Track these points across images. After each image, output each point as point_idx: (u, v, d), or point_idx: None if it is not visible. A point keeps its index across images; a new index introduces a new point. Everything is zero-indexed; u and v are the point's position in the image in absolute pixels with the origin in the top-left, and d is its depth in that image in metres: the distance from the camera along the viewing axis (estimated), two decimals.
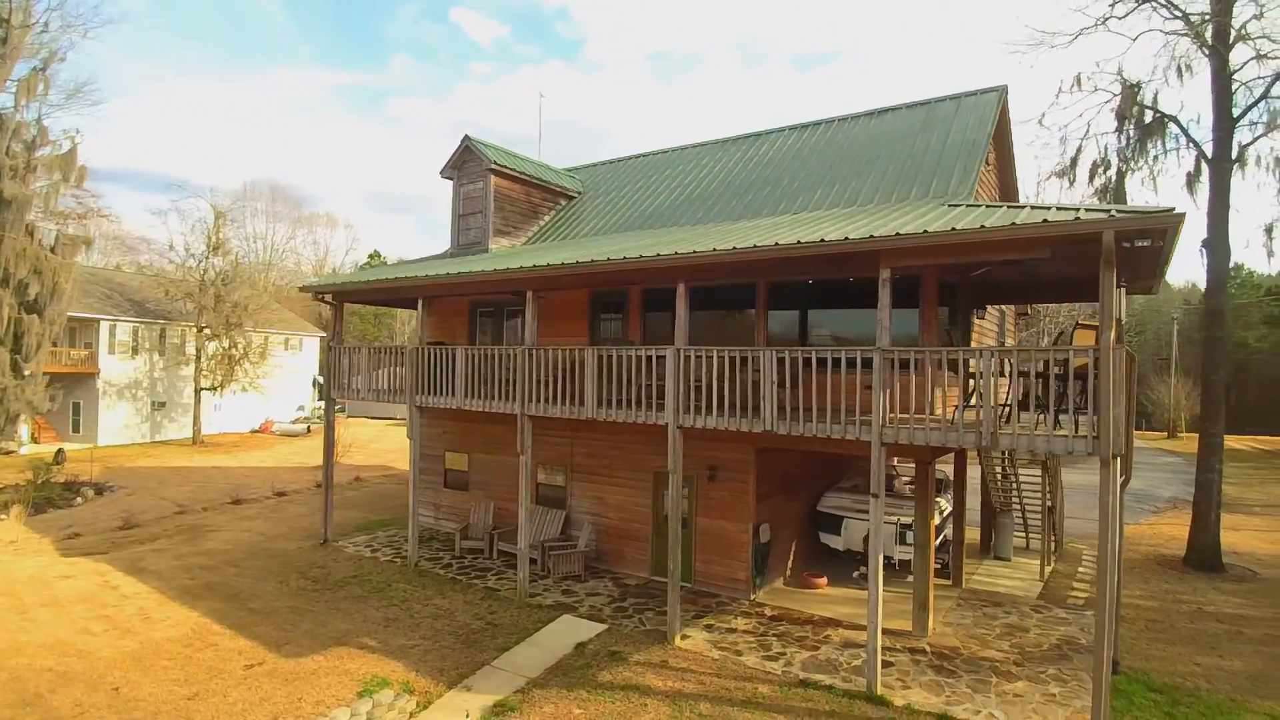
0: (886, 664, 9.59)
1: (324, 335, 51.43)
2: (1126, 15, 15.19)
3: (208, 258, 33.52)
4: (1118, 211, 7.47)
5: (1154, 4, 15.10)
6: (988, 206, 9.70)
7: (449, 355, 13.36)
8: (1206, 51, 14.59)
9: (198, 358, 33.29)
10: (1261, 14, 14.76)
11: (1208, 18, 14.40)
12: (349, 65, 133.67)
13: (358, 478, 25.16)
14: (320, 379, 48.08)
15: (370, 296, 17.43)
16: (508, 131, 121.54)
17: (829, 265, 9.81)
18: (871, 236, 8.47)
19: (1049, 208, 8.68)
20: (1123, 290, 10.60)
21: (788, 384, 9.50)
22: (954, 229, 8.06)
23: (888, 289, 8.78)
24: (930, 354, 8.60)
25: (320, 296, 15.84)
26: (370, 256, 78.51)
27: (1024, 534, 15.89)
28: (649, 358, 10.81)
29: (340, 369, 15.44)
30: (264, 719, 8.35)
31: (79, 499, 19.96)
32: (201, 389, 33.28)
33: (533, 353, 12.10)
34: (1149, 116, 15.36)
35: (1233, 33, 13.97)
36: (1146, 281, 11.09)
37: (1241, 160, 14.92)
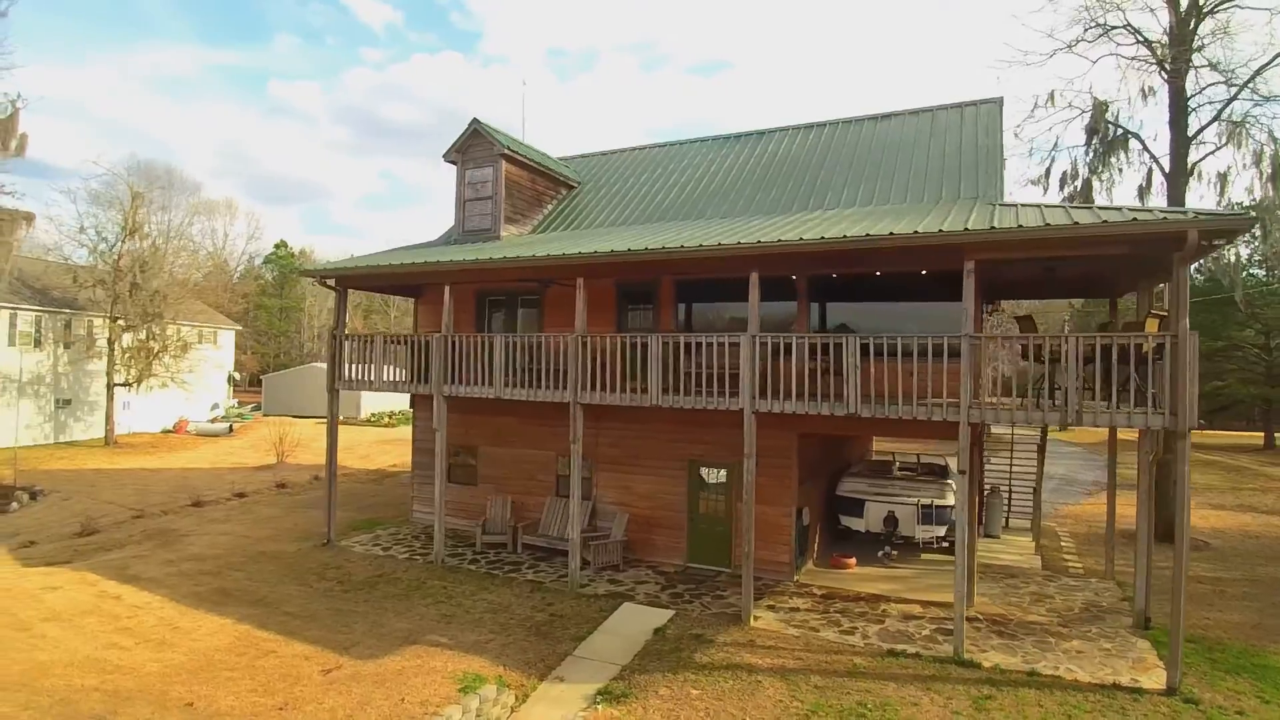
0: (954, 631, 10.19)
1: (239, 329, 47.96)
2: (1096, 40, 16.74)
3: (123, 242, 30.53)
4: (1198, 213, 8.35)
5: (1119, 30, 16.73)
6: (1046, 207, 10.50)
7: (485, 344, 12.97)
8: (1165, 77, 16.32)
9: (110, 351, 30.26)
10: (1202, 46, 16.71)
11: (1167, 46, 16.11)
12: (226, 43, 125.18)
13: (316, 477, 23.70)
14: (236, 375, 44.80)
15: (382, 281, 16.55)
16: (408, 120, 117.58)
17: (904, 257, 10.29)
18: (966, 229, 9.03)
19: (1119, 208, 9.54)
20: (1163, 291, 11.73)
21: (858, 370, 9.91)
22: (1047, 224, 8.74)
23: (972, 279, 9.35)
24: (1017, 340, 9.25)
25: (324, 281, 14.96)
26: (276, 246, 74.00)
27: (1007, 513, 17.19)
28: (720, 344, 10.96)
29: (342, 359, 14.63)
30: None
31: (14, 504, 17.81)
32: (115, 385, 30.30)
33: (585, 340, 11.98)
34: (1114, 132, 16.99)
35: (1193, 53, 15.69)
36: (1150, 282, 12.34)
37: (1188, 175, 16.77)
